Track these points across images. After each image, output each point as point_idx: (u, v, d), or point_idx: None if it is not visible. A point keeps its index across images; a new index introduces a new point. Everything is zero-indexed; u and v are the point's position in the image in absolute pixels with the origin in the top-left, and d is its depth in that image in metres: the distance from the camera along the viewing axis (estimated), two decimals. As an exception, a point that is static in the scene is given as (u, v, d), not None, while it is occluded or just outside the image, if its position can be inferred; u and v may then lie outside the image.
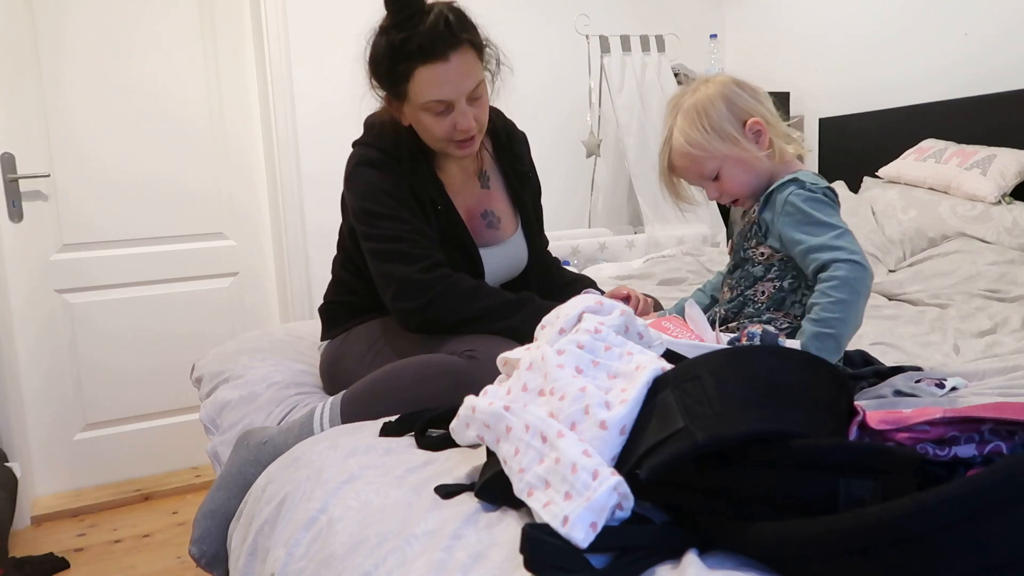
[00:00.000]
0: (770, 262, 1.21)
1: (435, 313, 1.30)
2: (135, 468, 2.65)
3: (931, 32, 2.61)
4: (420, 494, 0.85)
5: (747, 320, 1.22)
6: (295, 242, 2.71)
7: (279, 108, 2.64)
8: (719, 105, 1.19)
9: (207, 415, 1.53)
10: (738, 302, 1.24)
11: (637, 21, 3.19)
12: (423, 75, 1.26)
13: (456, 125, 1.30)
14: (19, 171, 2.40)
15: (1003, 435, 0.67)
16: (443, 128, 1.31)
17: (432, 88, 1.26)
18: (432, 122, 1.31)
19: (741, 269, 1.25)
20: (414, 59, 1.25)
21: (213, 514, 1.18)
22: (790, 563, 0.61)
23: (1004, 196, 2.19)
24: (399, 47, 1.25)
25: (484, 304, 1.32)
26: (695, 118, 1.19)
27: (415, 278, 1.30)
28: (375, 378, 1.25)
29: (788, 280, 1.20)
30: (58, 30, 2.42)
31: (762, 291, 1.22)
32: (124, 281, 2.60)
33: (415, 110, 1.31)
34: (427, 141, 1.37)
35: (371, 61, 1.32)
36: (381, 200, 1.34)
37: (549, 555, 0.63)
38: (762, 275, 1.22)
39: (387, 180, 1.35)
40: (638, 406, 0.71)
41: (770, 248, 1.21)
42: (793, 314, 1.21)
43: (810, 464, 0.62)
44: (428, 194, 1.39)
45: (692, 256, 2.50)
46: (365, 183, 1.37)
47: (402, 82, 1.28)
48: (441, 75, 1.25)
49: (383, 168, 1.36)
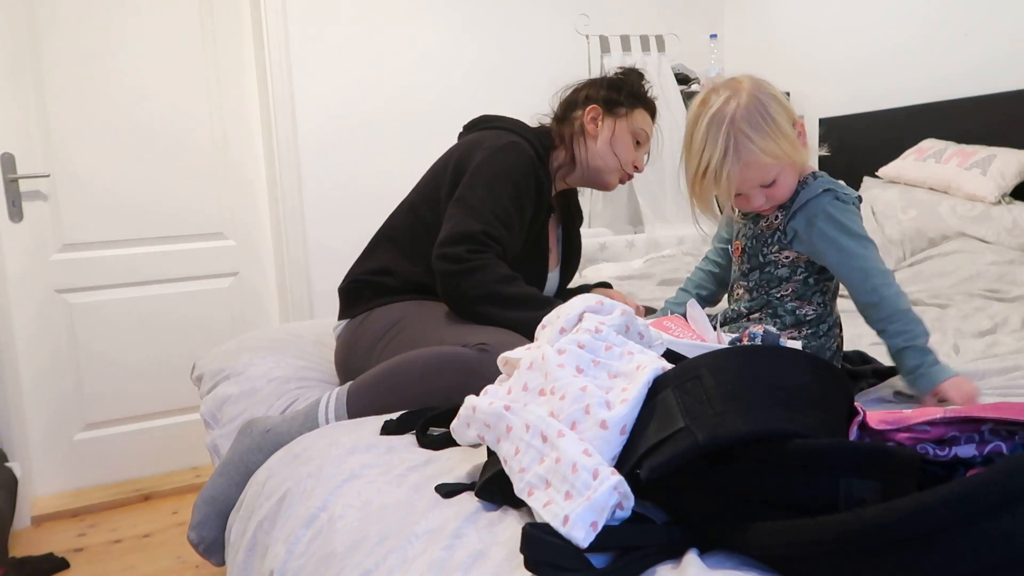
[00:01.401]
0: (796, 264, 1.21)
1: (470, 278, 1.35)
2: (135, 468, 2.65)
3: (931, 32, 2.61)
4: (421, 493, 0.85)
5: (769, 313, 1.23)
6: (295, 244, 2.71)
7: (280, 116, 2.63)
8: (777, 108, 1.14)
9: (207, 410, 1.53)
10: (761, 300, 1.24)
11: (637, 21, 3.19)
12: (644, 118, 1.62)
13: (635, 161, 1.61)
14: (19, 171, 2.40)
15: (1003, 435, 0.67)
16: (631, 156, 1.60)
17: (646, 127, 1.62)
18: (629, 147, 1.59)
19: (761, 272, 1.24)
20: (648, 106, 1.63)
21: (214, 500, 1.18)
22: (790, 563, 0.61)
23: (1004, 196, 2.19)
24: (644, 94, 1.63)
25: (514, 291, 1.35)
26: (763, 125, 1.12)
27: (476, 236, 1.36)
28: (383, 370, 1.24)
29: (814, 276, 1.22)
30: (59, 32, 2.42)
31: (788, 288, 1.22)
32: (124, 281, 2.60)
33: (624, 130, 1.58)
34: (602, 158, 1.58)
35: (615, 83, 1.61)
36: (510, 180, 1.44)
37: (549, 554, 0.63)
38: (788, 275, 1.22)
39: (527, 175, 1.46)
40: (638, 406, 0.71)
41: (795, 252, 1.21)
42: (816, 302, 1.22)
43: (810, 464, 0.62)
44: (545, 200, 1.51)
45: (692, 256, 2.50)
46: (507, 160, 1.47)
47: (630, 107, 1.59)
48: (650, 127, 1.64)
49: (531, 162, 1.48)
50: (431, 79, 2.85)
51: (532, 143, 1.53)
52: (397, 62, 2.81)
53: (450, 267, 1.35)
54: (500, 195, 1.42)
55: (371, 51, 2.76)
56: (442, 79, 2.88)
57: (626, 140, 1.59)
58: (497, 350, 1.19)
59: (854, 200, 1.18)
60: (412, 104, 2.84)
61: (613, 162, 1.58)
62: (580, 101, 1.61)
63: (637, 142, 1.61)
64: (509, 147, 1.48)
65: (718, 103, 1.14)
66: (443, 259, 1.36)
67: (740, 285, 1.29)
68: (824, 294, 1.23)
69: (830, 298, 1.24)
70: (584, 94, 1.62)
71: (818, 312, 1.21)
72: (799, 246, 1.19)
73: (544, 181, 1.51)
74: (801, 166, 1.19)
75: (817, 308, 1.22)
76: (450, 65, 2.90)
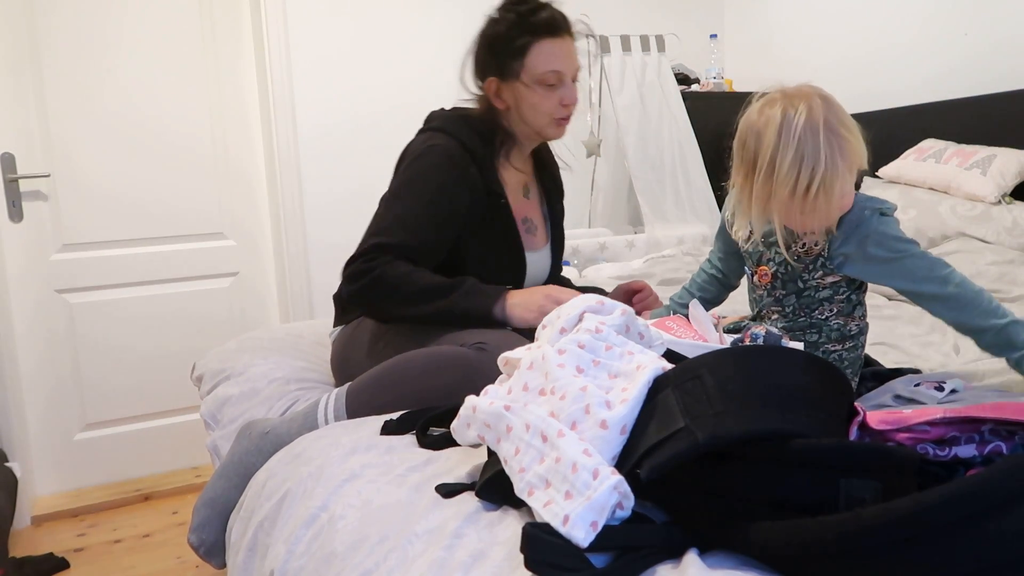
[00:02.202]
0: (838, 285, 1.18)
1: (372, 290, 1.33)
2: (135, 468, 2.65)
3: (931, 32, 2.61)
4: (421, 493, 0.85)
5: (813, 332, 1.19)
6: (295, 244, 2.71)
7: (280, 116, 2.64)
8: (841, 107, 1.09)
9: (208, 411, 1.53)
10: (803, 323, 1.20)
11: (637, 21, 3.19)
12: (543, 47, 1.41)
13: (561, 100, 1.44)
14: (19, 171, 2.40)
15: (1003, 435, 0.67)
16: (551, 103, 1.43)
17: (550, 60, 1.42)
18: (542, 96, 1.43)
19: (799, 296, 1.19)
20: (538, 32, 1.41)
21: (213, 502, 1.18)
22: (790, 563, 0.61)
23: (1004, 196, 2.19)
24: (525, 21, 1.41)
25: (418, 284, 1.32)
26: (849, 122, 1.07)
27: (367, 251, 1.34)
28: (382, 370, 1.24)
29: (855, 292, 1.19)
30: (59, 33, 2.42)
31: (832, 308, 1.18)
32: (124, 281, 2.60)
33: (528, 84, 1.42)
34: (529, 119, 1.46)
35: (490, 40, 1.45)
36: (421, 185, 1.40)
37: (549, 554, 0.63)
38: (830, 296, 1.18)
39: (446, 173, 1.40)
40: (639, 405, 0.71)
41: (840, 275, 1.16)
42: (858, 315, 1.19)
43: (810, 464, 0.62)
44: (494, 187, 1.45)
45: (692, 256, 2.50)
46: (420, 166, 1.41)
47: (520, 55, 1.41)
48: (558, 50, 1.42)
49: (451, 161, 1.41)
50: (431, 79, 2.85)
51: (460, 136, 1.45)
52: (397, 62, 2.81)
53: (350, 287, 1.36)
54: (408, 202, 1.38)
55: (371, 51, 2.76)
56: (442, 79, 2.88)
57: (536, 96, 1.43)
58: (495, 349, 1.19)
59: (893, 210, 1.15)
60: (412, 104, 2.82)
61: (539, 120, 1.46)
62: (479, 75, 1.49)
63: (551, 84, 1.43)
64: (426, 152, 1.43)
65: (796, 112, 1.04)
66: (344, 282, 1.37)
67: (774, 310, 1.22)
68: (863, 306, 1.21)
69: (866, 309, 1.22)
70: (479, 67, 1.48)
71: (860, 325, 1.19)
72: (851, 270, 1.14)
73: (482, 168, 1.43)
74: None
75: (859, 321, 1.19)
76: (450, 65, 2.89)
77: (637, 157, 2.96)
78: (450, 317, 1.31)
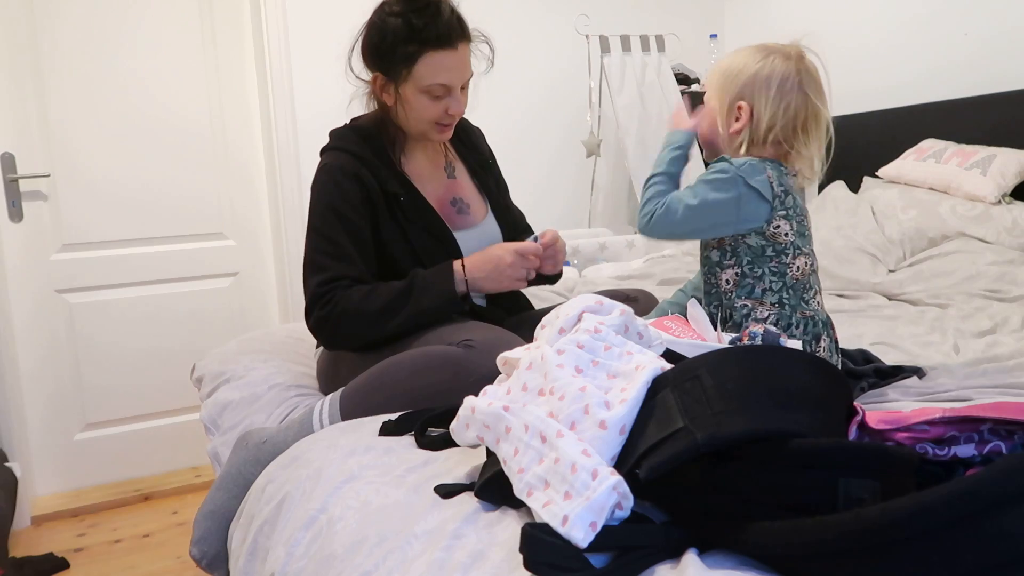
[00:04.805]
0: (722, 247, 1.17)
1: (342, 328, 1.34)
2: (135, 468, 2.65)
3: (931, 32, 2.61)
4: (420, 494, 0.85)
5: (711, 305, 1.19)
6: (295, 244, 2.71)
7: (280, 116, 2.63)
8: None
9: (208, 415, 1.52)
10: (706, 288, 1.21)
11: (637, 21, 3.19)
12: (433, 59, 1.35)
13: (447, 109, 1.40)
14: (19, 171, 2.40)
15: (1002, 435, 0.67)
16: (435, 111, 1.40)
17: (439, 73, 1.36)
18: (427, 105, 1.39)
19: (704, 263, 1.22)
20: (428, 44, 1.34)
21: (213, 515, 1.18)
22: (789, 563, 0.61)
23: (1004, 196, 2.19)
24: (417, 30, 1.33)
25: (379, 302, 1.33)
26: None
27: (315, 294, 1.35)
28: (373, 372, 1.25)
29: (746, 264, 1.15)
30: (59, 31, 2.42)
31: (725, 279, 1.17)
32: (124, 281, 2.60)
33: (413, 92, 1.38)
34: (412, 122, 1.43)
35: (374, 40, 1.38)
36: (322, 209, 1.40)
37: (549, 555, 0.63)
38: (718, 259, 1.18)
39: (338, 188, 1.39)
40: (638, 406, 0.71)
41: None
42: (770, 302, 1.14)
43: (810, 464, 0.62)
44: (391, 187, 1.42)
45: (692, 256, 2.50)
46: (317, 192, 1.42)
47: (407, 63, 1.35)
48: (449, 62, 1.36)
49: (343, 173, 1.40)
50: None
51: (348, 148, 1.43)
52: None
53: (323, 337, 1.38)
54: (323, 231, 1.38)
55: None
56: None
57: (420, 104, 1.38)
58: (482, 346, 1.20)
59: (735, 170, 1.14)
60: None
61: (421, 125, 1.42)
62: (367, 65, 1.43)
63: (438, 96, 1.38)
64: (318, 173, 1.44)
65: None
66: (315, 335, 1.39)
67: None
68: (776, 292, 1.14)
69: (791, 296, 1.14)
70: (366, 59, 1.42)
71: (775, 313, 1.12)
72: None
73: (377, 171, 1.41)
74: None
75: (772, 309, 1.13)
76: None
77: (637, 157, 2.96)
78: (425, 318, 1.32)
